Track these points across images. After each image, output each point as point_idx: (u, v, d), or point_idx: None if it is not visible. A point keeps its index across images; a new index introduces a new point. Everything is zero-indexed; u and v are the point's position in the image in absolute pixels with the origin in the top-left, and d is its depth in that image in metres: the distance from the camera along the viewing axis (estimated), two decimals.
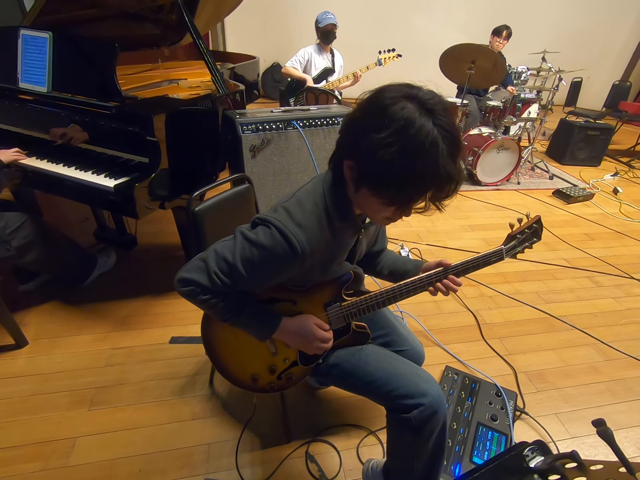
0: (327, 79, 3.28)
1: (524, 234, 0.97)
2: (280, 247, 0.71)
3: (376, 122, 0.63)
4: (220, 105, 1.81)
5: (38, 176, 1.54)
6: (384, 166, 0.63)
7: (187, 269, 0.77)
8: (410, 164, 0.61)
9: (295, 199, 0.76)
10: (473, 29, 5.63)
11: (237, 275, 0.73)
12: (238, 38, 5.38)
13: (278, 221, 0.71)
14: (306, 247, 0.71)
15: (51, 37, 1.49)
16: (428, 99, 0.63)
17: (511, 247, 0.97)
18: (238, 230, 0.77)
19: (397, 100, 0.63)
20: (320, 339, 0.87)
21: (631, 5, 6.06)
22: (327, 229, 0.76)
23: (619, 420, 1.42)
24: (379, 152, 0.62)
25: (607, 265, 2.37)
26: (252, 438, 1.27)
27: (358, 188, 0.70)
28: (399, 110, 0.61)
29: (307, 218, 0.73)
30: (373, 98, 0.67)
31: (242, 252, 0.73)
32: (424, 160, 0.61)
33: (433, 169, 0.62)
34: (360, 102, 0.70)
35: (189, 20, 1.78)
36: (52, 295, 1.79)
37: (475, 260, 0.93)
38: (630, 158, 4.39)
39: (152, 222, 2.41)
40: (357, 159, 0.68)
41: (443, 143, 0.61)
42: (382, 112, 0.63)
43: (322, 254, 0.78)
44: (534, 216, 0.99)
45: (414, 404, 0.87)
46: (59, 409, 1.31)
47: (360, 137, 0.65)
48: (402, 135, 0.61)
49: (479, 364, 1.61)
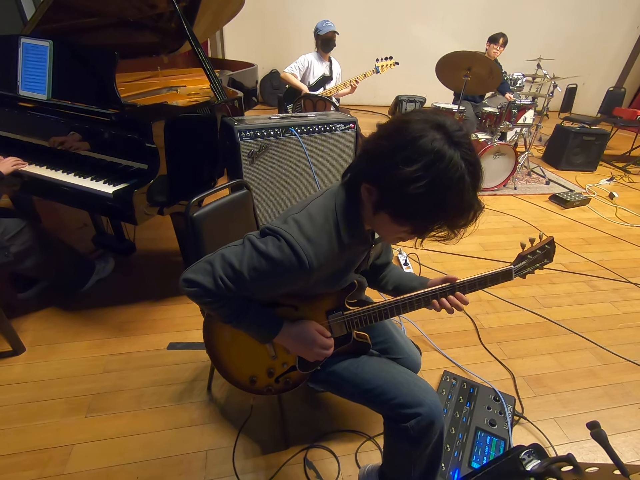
0: (324, 87, 3.31)
1: (535, 254, 0.94)
2: (288, 261, 0.71)
3: (406, 155, 0.62)
4: (219, 112, 1.83)
5: (37, 183, 1.55)
6: (410, 199, 0.63)
7: (193, 270, 0.77)
8: (436, 197, 0.62)
9: (306, 211, 0.76)
10: (468, 36, 5.71)
11: (242, 282, 0.74)
12: (237, 46, 5.43)
13: (288, 234, 0.71)
14: (314, 261, 0.71)
15: (51, 45, 1.50)
16: (455, 130, 0.63)
17: (521, 267, 0.94)
18: (247, 237, 0.76)
19: (426, 131, 0.62)
20: (320, 345, 0.87)
21: (624, 13, 6.16)
22: (336, 245, 0.75)
23: (617, 424, 1.42)
24: (408, 186, 0.62)
25: (604, 269, 2.39)
26: (251, 444, 1.27)
27: (377, 212, 0.71)
28: (429, 143, 0.61)
29: (317, 233, 0.73)
30: (400, 127, 0.65)
31: (250, 261, 0.73)
32: (451, 193, 0.62)
33: (458, 202, 0.63)
34: (385, 129, 0.69)
35: (188, 29, 1.80)
36: (50, 301, 1.79)
37: (483, 278, 0.91)
38: (625, 163, 4.43)
39: (150, 228, 2.41)
40: (382, 187, 0.67)
41: (468, 177, 0.62)
42: (412, 143, 0.62)
43: (329, 269, 0.79)
44: (546, 237, 0.96)
45: (411, 414, 0.87)
46: (56, 416, 1.30)
47: (387, 168, 0.64)
48: (432, 169, 0.61)
49: (477, 368, 1.61)
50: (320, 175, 2.07)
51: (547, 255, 0.96)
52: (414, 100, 4.79)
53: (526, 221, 2.93)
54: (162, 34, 2.30)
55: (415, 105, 4.81)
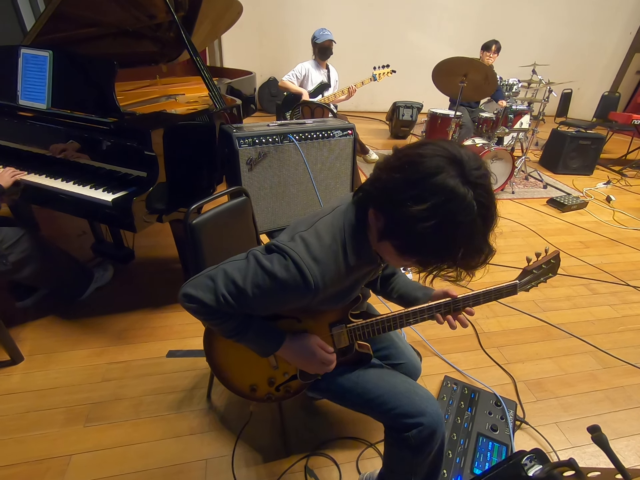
0: (323, 94, 3.34)
1: (540, 269, 0.94)
2: (294, 280, 0.69)
3: (416, 193, 0.59)
4: (218, 120, 1.84)
5: (36, 191, 1.55)
6: (416, 236, 0.61)
7: (194, 285, 0.75)
8: (443, 239, 0.60)
9: (314, 229, 0.74)
10: (464, 43, 5.78)
11: (245, 299, 0.72)
12: (235, 54, 5.49)
13: (295, 253, 0.69)
14: (319, 282, 0.70)
15: (51, 55, 1.52)
16: (473, 168, 0.59)
17: (525, 282, 0.94)
18: (251, 252, 0.75)
19: (441, 169, 0.58)
20: (322, 360, 0.87)
21: (617, 19, 6.25)
22: (343, 266, 0.74)
23: (619, 428, 1.42)
24: (415, 225, 0.59)
25: (603, 272, 2.39)
26: (251, 452, 1.25)
27: (381, 240, 0.68)
28: (442, 182, 0.58)
29: (324, 253, 0.71)
30: (415, 161, 0.61)
31: (254, 278, 0.71)
32: (458, 237, 0.60)
33: (466, 245, 0.61)
34: (399, 159, 0.64)
35: (187, 38, 1.82)
36: (49, 310, 1.78)
37: (487, 294, 0.91)
38: (621, 166, 4.46)
39: (149, 235, 2.41)
40: (388, 218, 0.65)
41: (480, 220, 0.59)
42: (423, 182, 0.59)
43: (335, 289, 0.78)
44: (552, 251, 0.96)
45: (412, 423, 0.87)
46: (55, 426, 1.29)
47: (397, 204, 0.61)
48: (441, 210, 0.58)
49: (478, 373, 1.60)
50: (319, 181, 2.08)
51: (552, 269, 0.95)
52: (411, 106, 4.82)
53: (524, 225, 2.94)
54: (161, 43, 2.32)
55: (413, 111, 4.83)
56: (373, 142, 4.70)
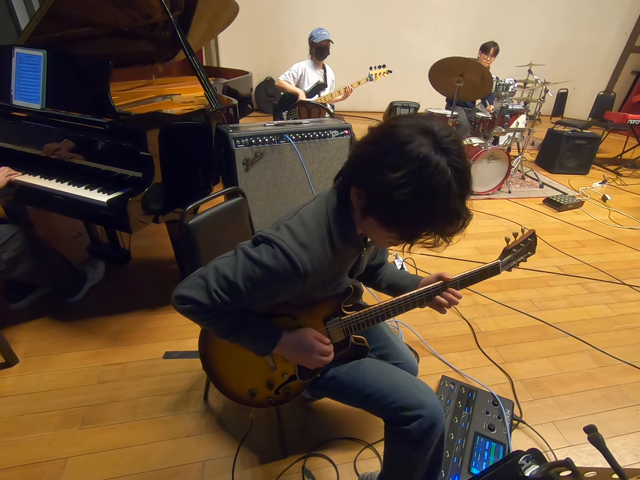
0: (319, 94, 3.33)
1: (519, 247, 0.99)
2: (283, 267, 0.70)
3: (390, 160, 0.61)
4: (214, 120, 1.84)
5: (30, 192, 1.54)
6: (396, 205, 0.62)
7: (186, 286, 0.75)
8: (422, 204, 0.61)
9: (298, 217, 0.75)
10: (461, 43, 5.79)
11: (238, 293, 0.73)
12: (231, 54, 5.47)
13: (281, 240, 0.70)
14: (309, 267, 0.71)
15: (45, 55, 1.50)
16: (444, 136, 0.61)
17: (507, 261, 0.98)
18: (239, 247, 0.75)
19: (413, 137, 0.61)
20: (320, 352, 0.87)
21: (612, 20, 6.28)
22: (329, 249, 0.75)
23: (616, 427, 1.42)
24: (393, 193, 0.61)
25: (599, 271, 2.40)
26: (248, 454, 1.25)
27: (365, 216, 0.70)
28: (415, 149, 0.60)
29: (310, 238, 0.72)
30: (388, 132, 0.64)
31: (244, 270, 0.71)
32: (436, 201, 0.61)
33: (443, 209, 0.62)
34: (373, 133, 0.68)
35: (182, 38, 1.81)
36: (44, 311, 1.77)
37: (472, 274, 0.93)
38: (617, 166, 4.48)
39: (145, 236, 2.40)
40: (368, 192, 0.67)
41: (455, 184, 0.61)
42: (397, 149, 0.61)
43: (324, 274, 0.78)
44: (528, 230, 1.01)
45: (413, 416, 0.87)
46: (50, 429, 1.28)
47: (373, 174, 0.63)
48: (416, 176, 0.60)
49: (475, 372, 1.60)
50: (315, 181, 2.07)
51: (529, 247, 1.00)
52: (408, 106, 4.84)
53: (521, 224, 2.93)
54: (156, 43, 2.31)
55: (409, 111, 4.85)
56: None
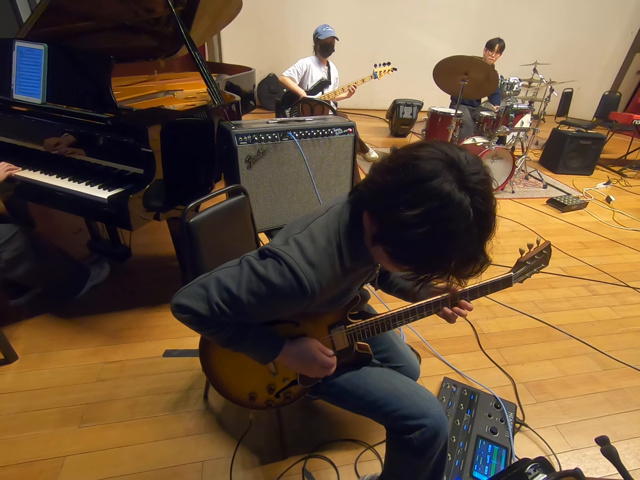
0: (323, 91, 3.31)
1: (534, 260, 0.95)
2: (290, 286, 0.67)
3: (408, 197, 0.56)
4: (216, 116, 1.81)
5: (31, 188, 1.52)
6: (408, 244, 0.58)
7: (186, 295, 0.73)
8: (436, 246, 0.57)
9: (308, 232, 0.71)
10: (465, 41, 5.75)
11: (240, 307, 0.70)
12: (234, 50, 5.44)
13: (290, 257, 0.67)
14: (316, 287, 0.68)
15: (46, 49, 1.48)
16: (472, 173, 0.56)
17: (520, 274, 0.95)
18: (244, 258, 0.72)
19: (437, 172, 0.55)
20: (322, 364, 0.85)
21: (618, 19, 6.22)
22: (339, 268, 0.72)
23: (619, 431, 1.41)
24: (406, 231, 0.56)
25: (603, 273, 2.38)
26: (248, 455, 1.24)
27: (375, 244, 0.66)
28: (437, 186, 0.54)
29: (319, 256, 0.69)
30: (409, 164, 0.58)
31: (248, 285, 0.68)
32: (451, 245, 0.57)
33: (459, 254, 0.58)
34: (394, 162, 0.61)
35: (185, 33, 1.79)
36: (43, 308, 1.75)
37: (484, 286, 0.90)
38: (621, 167, 4.45)
39: (146, 233, 2.38)
40: (380, 223, 0.62)
41: (476, 228, 0.56)
42: (417, 185, 0.56)
43: (331, 292, 0.76)
44: (543, 242, 0.97)
45: (415, 425, 0.85)
46: (48, 427, 1.27)
47: (388, 207, 0.59)
48: (434, 216, 0.55)
49: (477, 374, 1.59)
50: (318, 179, 2.05)
51: (544, 260, 0.98)
52: (412, 104, 4.79)
53: (524, 225, 2.93)
54: (159, 38, 2.28)
55: (413, 110, 4.80)
56: (373, 140, 4.68)
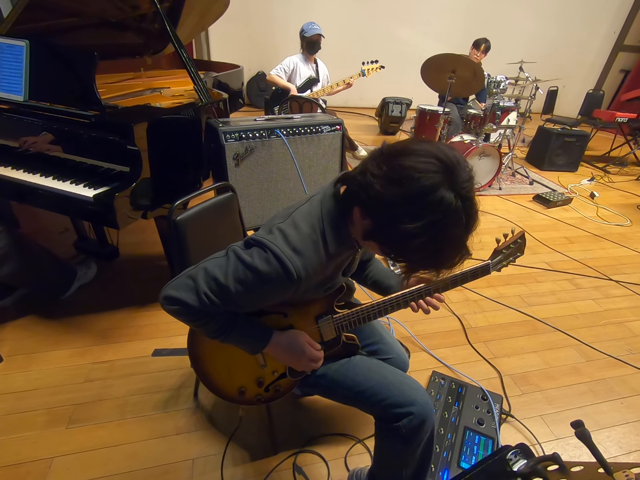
0: (311, 89, 3.31)
1: (509, 248, 1.01)
2: (276, 273, 0.69)
3: (411, 210, 0.60)
4: (204, 114, 1.80)
5: (13, 187, 1.49)
6: (406, 248, 0.64)
7: (174, 286, 0.74)
8: (433, 249, 0.63)
9: (292, 220, 0.74)
10: (453, 39, 5.79)
11: (228, 296, 0.71)
12: (222, 47, 5.39)
13: (274, 245, 0.69)
14: (302, 272, 0.70)
15: (28, 45, 1.46)
16: (465, 180, 0.60)
17: (497, 262, 1.00)
18: (231, 248, 0.74)
19: (438, 186, 0.59)
20: (310, 357, 0.86)
21: (602, 18, 6.34)
22: (323, 254, 0.74)
23: (601, 420, 1.45)
24: (407, 240, 0.62)
25: (586, 267, 2.44)
26: (238, 451, 1.24)
27: (368, 239, 0.70)
28: (439, 199, 0.59)
29: (303, 243, 0.71)
30: (412, 176, 0.59)
31: (235, 274, 0.70)
32: (446, 246, 0.63)
33: (452, 253, 0.65)
34: (393, 168, 0.62)
35: (171, 30, 1.77)
36: (29, 309, 1.73)
37: (463, 274, 0.93)
38: (605, 163, 4.55)
39: (134, 232, 2.36)
40: (378, 226, 0.66)
41: (465, 229, 0.63)
42: (420, 199, 0.59)
43: (317, 277, 0.78)
44: (518, 232, 1.03)
45: (403, 413, 0.87)
46: (35, 428, 1.25)
47: (391, 218, 0.62)
48: (435, 227, 0.60)
49: (465, 368, 1.62)
50: (307, 176, 2.06)
51: (519, 248, 1.02)
52: (400, 102, 4.82)
53: (511, 221, 2.98)
54: (145, 35, 2.26)
55: (402, 107, 4.83)
56: (362, 138, 4.69)
